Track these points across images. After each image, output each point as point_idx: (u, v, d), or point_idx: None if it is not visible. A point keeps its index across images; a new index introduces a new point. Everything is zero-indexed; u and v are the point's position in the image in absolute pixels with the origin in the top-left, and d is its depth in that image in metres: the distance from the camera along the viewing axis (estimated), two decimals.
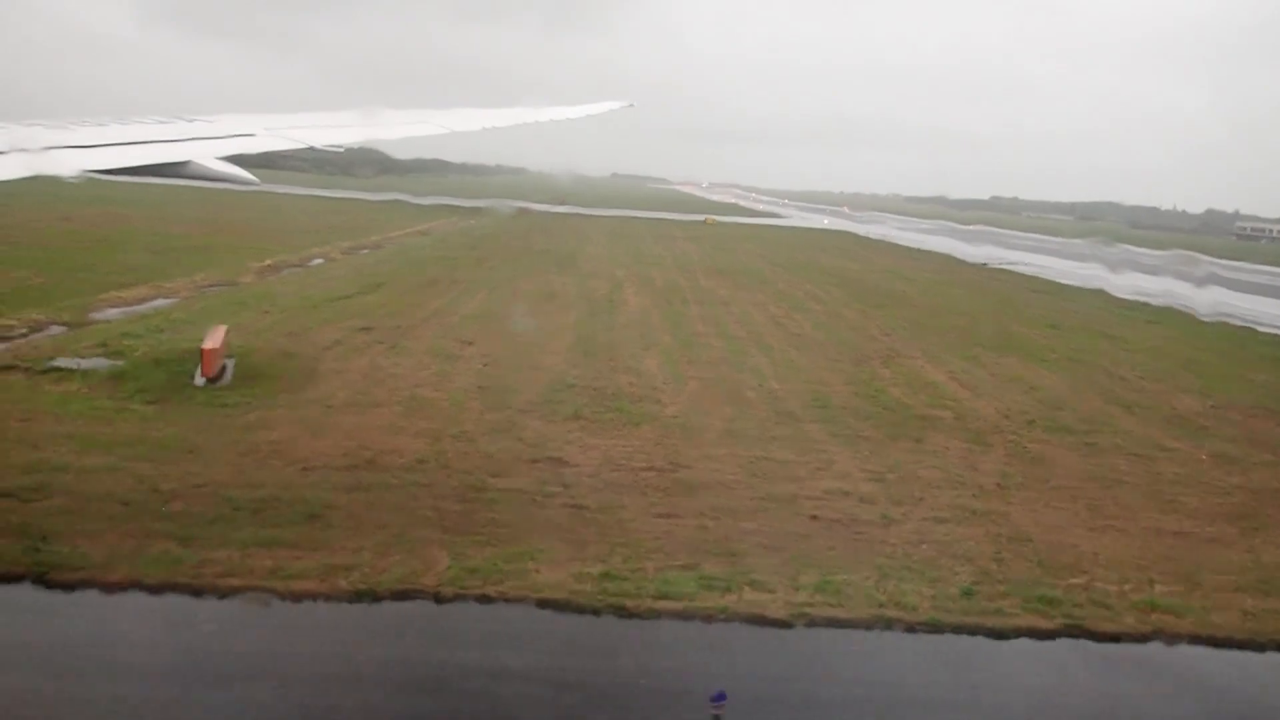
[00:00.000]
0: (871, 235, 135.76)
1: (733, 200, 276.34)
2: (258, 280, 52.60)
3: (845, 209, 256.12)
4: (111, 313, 40.03)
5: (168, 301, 43.56)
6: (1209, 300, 64.95)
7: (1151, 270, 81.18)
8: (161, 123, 11.67)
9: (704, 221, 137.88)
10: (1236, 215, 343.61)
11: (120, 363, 29.84)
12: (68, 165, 9.13)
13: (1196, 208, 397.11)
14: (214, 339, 28.98)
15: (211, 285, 49.02)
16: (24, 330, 35.01)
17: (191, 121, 12.13)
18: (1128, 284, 71.99)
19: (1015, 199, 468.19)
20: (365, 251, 72.64)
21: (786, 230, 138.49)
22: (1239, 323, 58.92)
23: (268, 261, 59.96)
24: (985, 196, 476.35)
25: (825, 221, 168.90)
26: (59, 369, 28.84)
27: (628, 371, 32.94)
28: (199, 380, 27.66)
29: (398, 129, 15.56)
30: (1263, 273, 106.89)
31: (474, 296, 49.23)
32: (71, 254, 55.74)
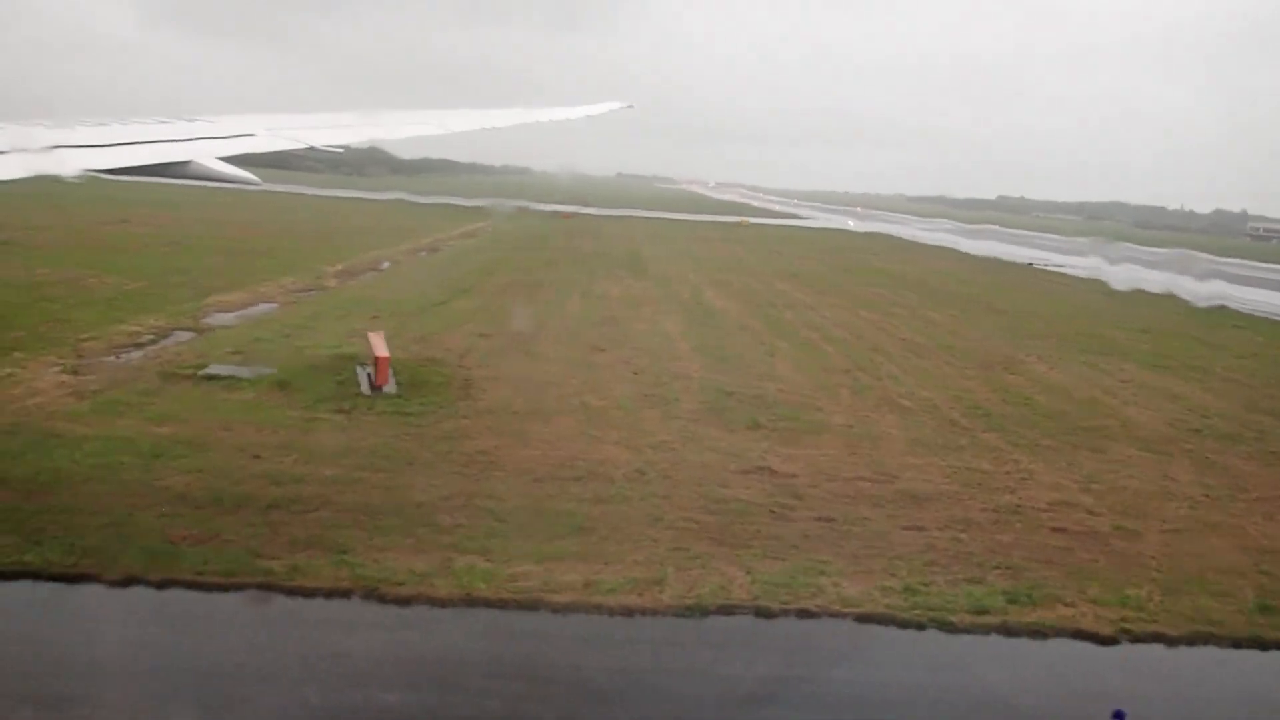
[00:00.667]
0: (904, 237, 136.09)
1: (742, 200, 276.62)
2: (342, 284, 52.69)
3: (858, 209, 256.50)
4: (223, 317, 40.13)
5: (269, 306, 43.65)
6: None
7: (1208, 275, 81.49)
8: (162, 123, 11.71)
9: (739, 223, 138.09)
10: (1244, 215, 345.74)
11: (273, 370, 29.86)
12: (69, 165, 9.15)
13: (1202, 207, 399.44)
14: (380, 347, 29.06)
15: (302, 290, 49.07)
16: (151, 336, 35.07)
17: (192, 121, 12.17)
18: (1194, 289, 72.34)
19: (1022, 199, 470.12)
20: (424, 254, 72.85)
21: (820, 232, 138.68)
22: None
23: (339, 265, 60.11)
24: (991, 196, 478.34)
25: (850, 223, 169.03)
26: (218, 376, 28.91)
27: (770, 379, 33.10)
28: (370, 388, 27.73)
29: (398, 129, 15.75)
30: None
31: (568, 301, 49.37)
32: (152, 258, 55.77)
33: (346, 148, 13.90)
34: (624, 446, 23.91)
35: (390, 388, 28.24)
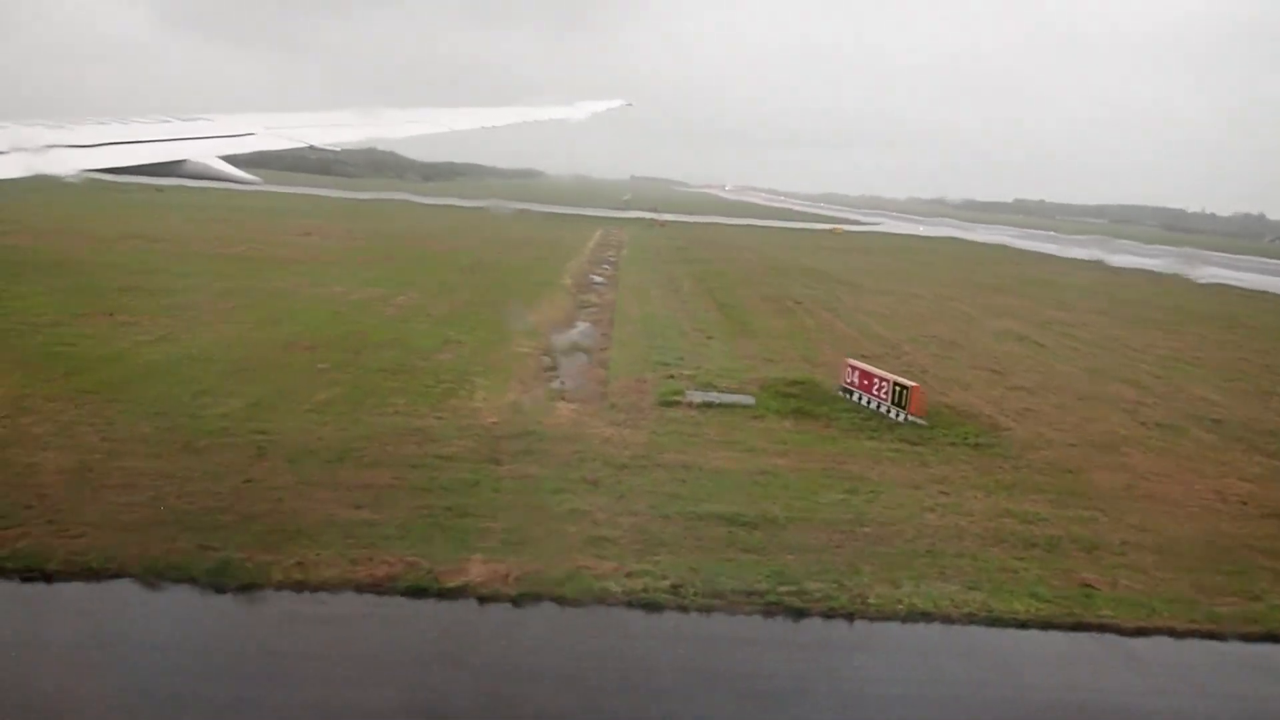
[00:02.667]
0: (1000, 243, 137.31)
1: (767, 203, 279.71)
2: (603, 300, 53.02)
3: (893, 213, 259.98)
4: (563, 338, 40.44)
5: (589, 326, 44.06)
6: None
7: None
8: (162, 122, 12.02)
9: (833, 230, 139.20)
10: (1262, 218, 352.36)
11: (752, 398, 30.38)
12: (68, 165, 9.43)
13: (1221, 210, 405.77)
14: (898, 377, 29.67)
15: (579, 308, 49.41)
16: (546, 359, 35.33)
17: (191, 121, 12.48)
18: None
19: (1041, 202, 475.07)
20: (608, 266, 73.07)
21: (923, 239, 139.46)
22: None
23: (566, 280, 60.70)
24: (1007, 199, 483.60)
25: (920, 229, 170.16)
26: (715, 405, 29.45)
27: (1215, 404, 33.96)
28: (902, 417, 28.27)
29: (398, 128, 16.02)
30: None
31: (856, 321, 49.75)
32: (399, 272, 56.01)
33: (343, 147, 14.02)
34: (1240, 479, 24.67)
35: (911, 417, 28.70)
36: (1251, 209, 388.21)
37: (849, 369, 31.31)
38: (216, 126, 12.40)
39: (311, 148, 13.23)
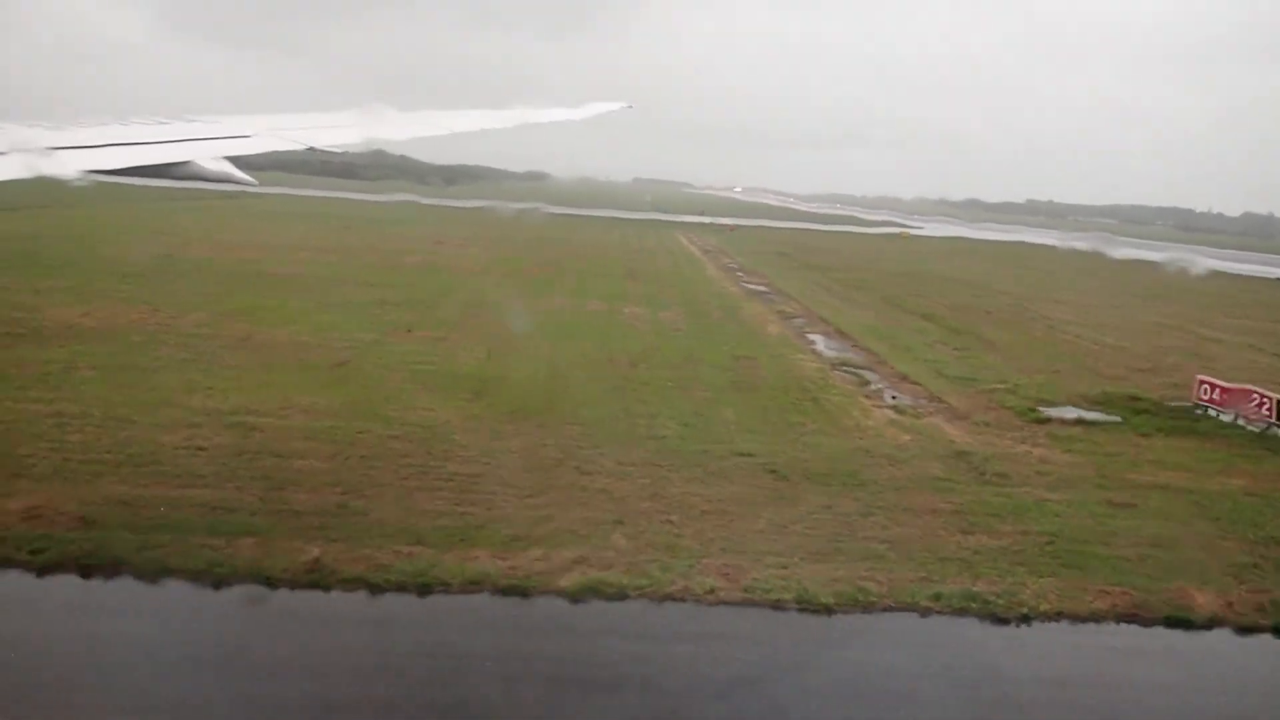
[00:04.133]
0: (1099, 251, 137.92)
1: (781, 204, 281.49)
2: (791, 307, 53.48)
3: (911, 215, 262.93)
4: (822, 352, 40.81)
5: (819, 336, 44.52)
6: None
7: None
8: (162, 123, 12.26)
9: (900, 234, 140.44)
10: (1271, 218, 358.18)
11: (1105, 413, 30.92)
12: (68, 166, 9.62)
13: (1228, 210, 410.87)
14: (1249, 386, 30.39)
15: (792, 316, 49.85)
16: (852, 376, 35.63)
17: (191, 122, 12.75)
18: None
19: (1051, 202, 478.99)
20: (742, 272, 73.63)
21: (1003, 244, 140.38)
22: None
23: (732, 289, 61.26)
24: (1020, 200, 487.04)
25: (973, 232, 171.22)
26: (1087, 421, 30.04)
27: None
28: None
29: (399, 129, 16.33)
30: None
31: (1074, 332, 50.41)
32: (587, 281, 56.17)
33: (345, 148, 14.20)
34: None
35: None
36: (1256, 208, 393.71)
37: (1204, 385, 31.82)
38: (218, 128, 12.71)
39: (312, 149, 13.55)
